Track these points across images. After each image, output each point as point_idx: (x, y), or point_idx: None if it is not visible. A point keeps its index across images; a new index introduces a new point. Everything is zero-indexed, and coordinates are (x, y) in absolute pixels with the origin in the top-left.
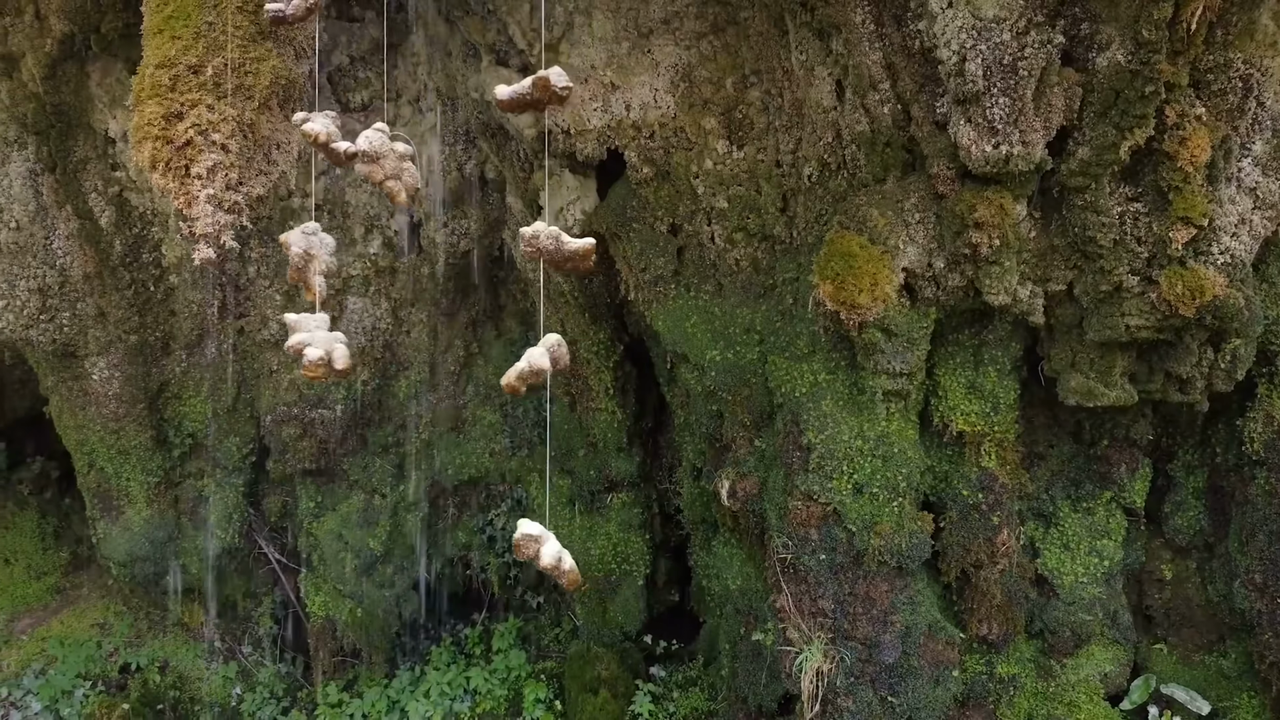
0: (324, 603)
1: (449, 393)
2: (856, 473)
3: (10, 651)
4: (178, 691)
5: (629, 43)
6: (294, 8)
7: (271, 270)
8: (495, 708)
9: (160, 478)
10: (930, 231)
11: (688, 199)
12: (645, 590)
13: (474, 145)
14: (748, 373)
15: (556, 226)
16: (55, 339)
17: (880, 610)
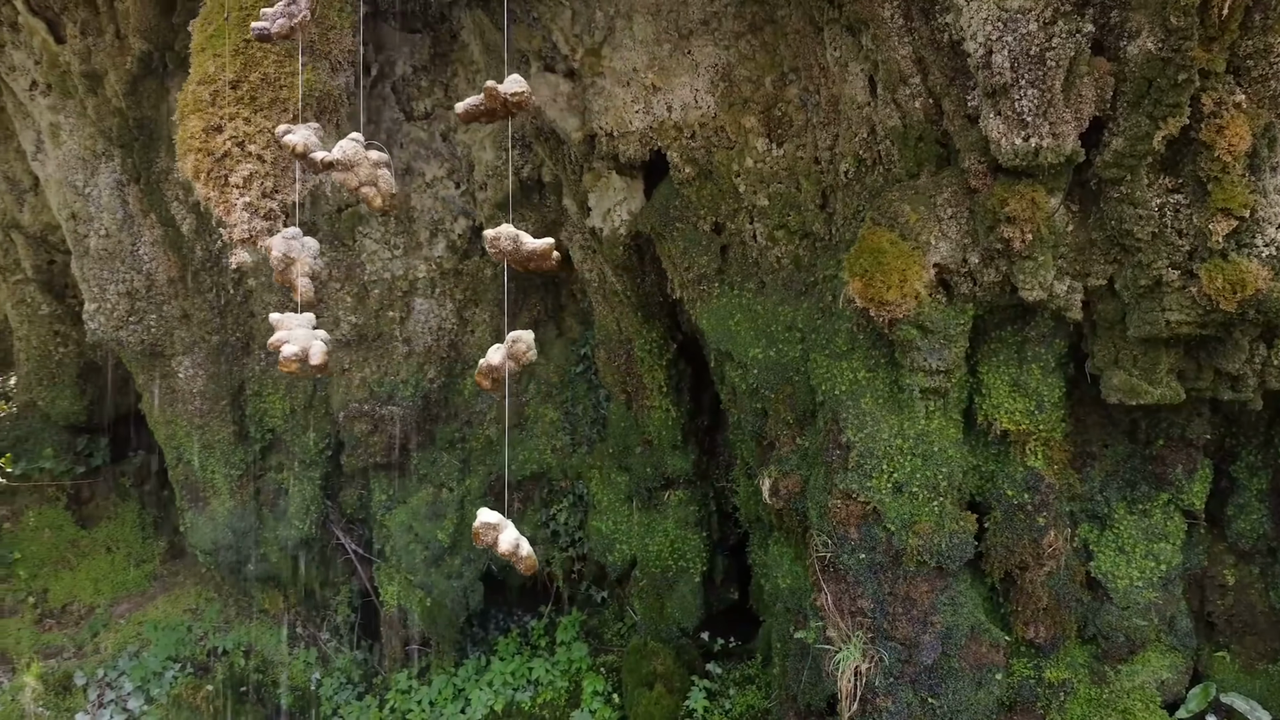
0: (396, 592)
1: (511, 390)
2: (896, 471)
3: (109, 634)
4: (261, 675)
5: (670, 44)
6: (278, 26)
7: (342, 273)
8: (555, 698)
9: (242, 470)
10: (963, 227)
11: (730, 198)
12: (702, 587)
13: (530, 150)
14: (790, 370)
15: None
16: (143, 339)
17: (920, 610)
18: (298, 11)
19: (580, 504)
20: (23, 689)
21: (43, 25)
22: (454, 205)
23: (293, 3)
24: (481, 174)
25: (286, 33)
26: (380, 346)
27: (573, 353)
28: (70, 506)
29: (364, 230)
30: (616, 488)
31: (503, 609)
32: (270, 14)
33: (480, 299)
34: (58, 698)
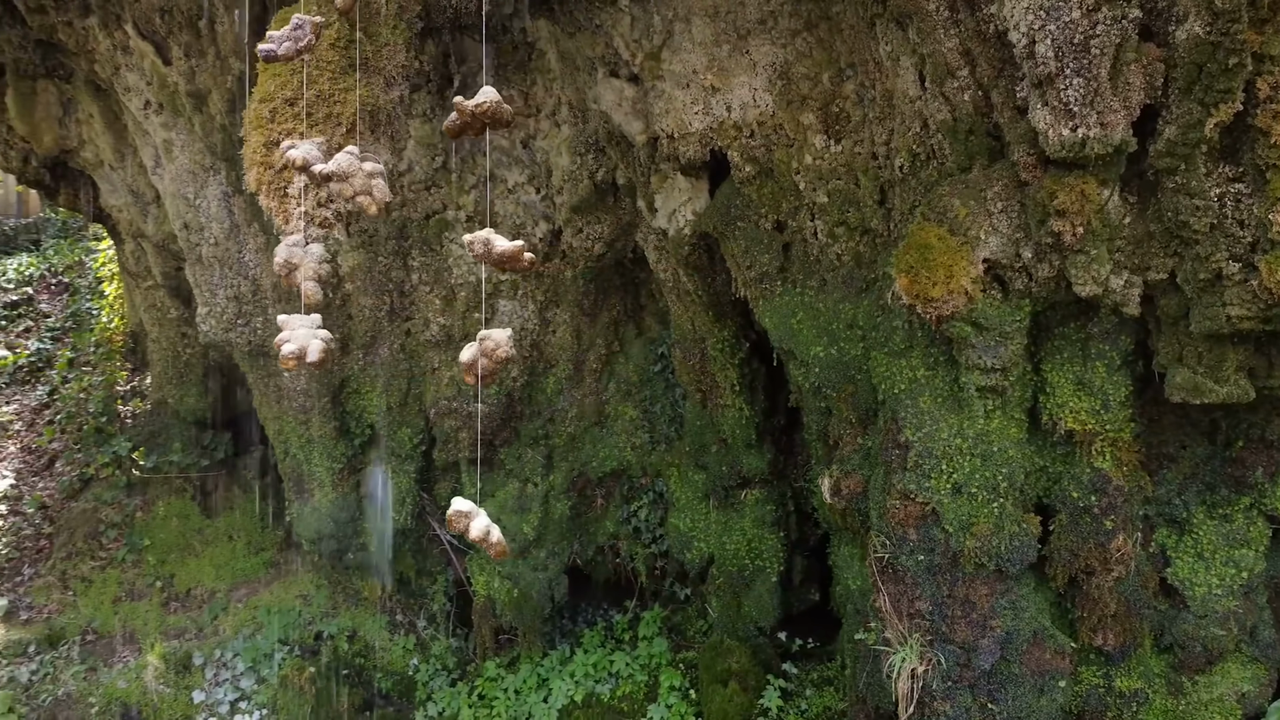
0: (486, 582)
1: (592, 389)
2: (955, 472)
3: (227, 617)
4: (362, 659)
5: (729, 45)
6: (284, 49)
7: (431, 277)
8: (634, 692)
9: (343, 464)
10: (1014, 221)
11: (790, 195)
12: (779, 587)
13: (604, 154)
14: (852, 369)
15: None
16: (250, 340)
17: (980, 614)
18: (303, 36)
19: (660, 501)
20: (146, 668)
21: (151, 48)
22: (534, 210)
23: (299, 28)
24: (559, 179)
25: (292, 55)
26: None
27: (651, 352)
28: (196, 497)
29: (450, 236)
30: (694, 486)
31: (590, 603)
32: (278, 37)
33: (560, 300)
34: (178, 676)
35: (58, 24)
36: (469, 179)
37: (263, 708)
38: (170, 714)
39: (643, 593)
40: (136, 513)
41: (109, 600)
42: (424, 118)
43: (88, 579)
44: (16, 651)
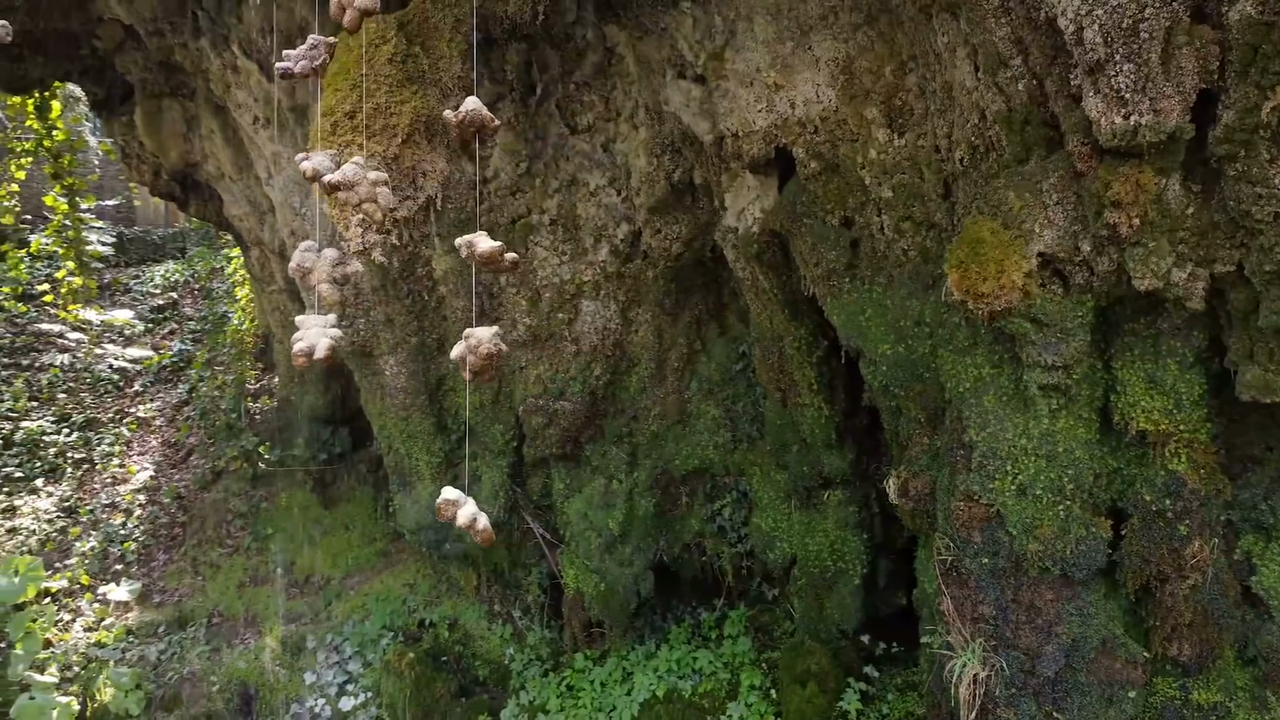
0: (575, 576)
1: (674, 387)
2: (1020, 473)
3: (340, 604)
4: (461, 647)
5: (792, 42)
6: (300, 67)
7: (517, 279)
8: (716, 689)
9: (441, 458)
10: (1071, 213)
11: (857, 191)
12: (862, 590)
13: (680, 154)
14: (920, 367)
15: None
16: (354, 341)
17: (1045, 620)
18: (318, 56)
19: (744, 500)
20: (264, 649)
21: (255, 67)
22: (616, 211)
23: (314, 48)
24: (636, 180)
25: (307, 74)
26: (552, 346)
27: (733, 350)
28: (316, 490)
29: (535, 239)
30: (776, 485)
31: (680, 600)
32: (294, 56)
33: (642, 300)
34: (292, 658)
35: (174, 46)
36: (552, 183)
37: (368, 690)
38: (284, 694)
39: (730, 592)
40: (262, 504)
41: (234, 585)
42: (508, 126)
43: (216, 565)
44: (148, 632)
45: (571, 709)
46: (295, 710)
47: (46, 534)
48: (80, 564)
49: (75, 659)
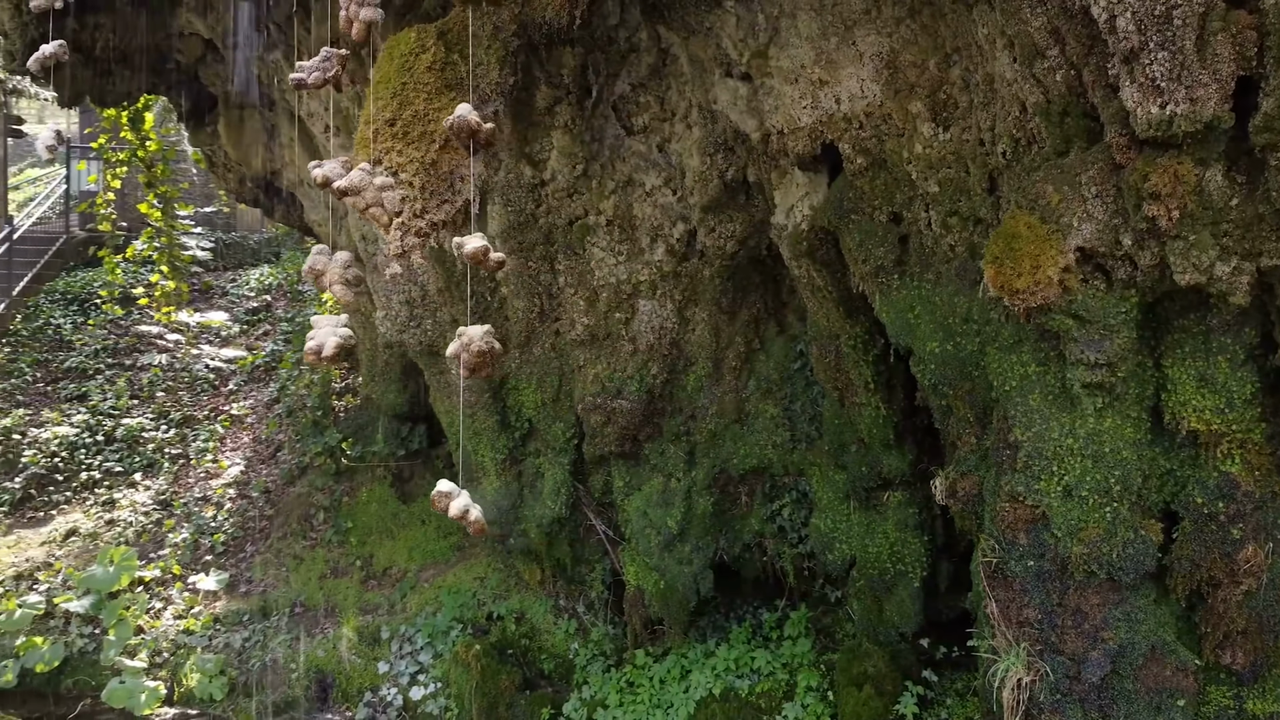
0: (636, 573)
1: (732, 386)
2: (1066, 474)
3: (414, 596)
4: (528, 640)
5: (836, 37)
6: (313, 78)
7: (576, 279)
8: (773, 689)
9: (506, 455)
10: (1110, 206)
11: (904, 186)
12: (922, 592)
13: (733, 153)
14: (968, 365)
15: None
16: (422, 340)
17: (1092, 625)
18: (330, 68)
19: (805, 500)
20: (341, 639)
21: None
22: (672, 211)
23: (327, 59)
24: (690, 180)
25: (320, 84)
26: (609, 345)
27: (791, 349)
28: (394, 484)
29: (592, 240)
30: (835, 486)
31: (743, 599)
32: (308, 67)
33: (699, 299)
34: (368, 648)
35: (252, 59)
36: (608, 184)
37: (437, 680)
38: (359, 682)
39: (792, 593)
40: (343, 498)
41: (316, 577)
42: (564, 129)
43: (299, 557)
44: (234, 620)
45: (630, 704)
46: (369, 698)
47: (143, 526)
48: (173, 554)
49: (164, 645)
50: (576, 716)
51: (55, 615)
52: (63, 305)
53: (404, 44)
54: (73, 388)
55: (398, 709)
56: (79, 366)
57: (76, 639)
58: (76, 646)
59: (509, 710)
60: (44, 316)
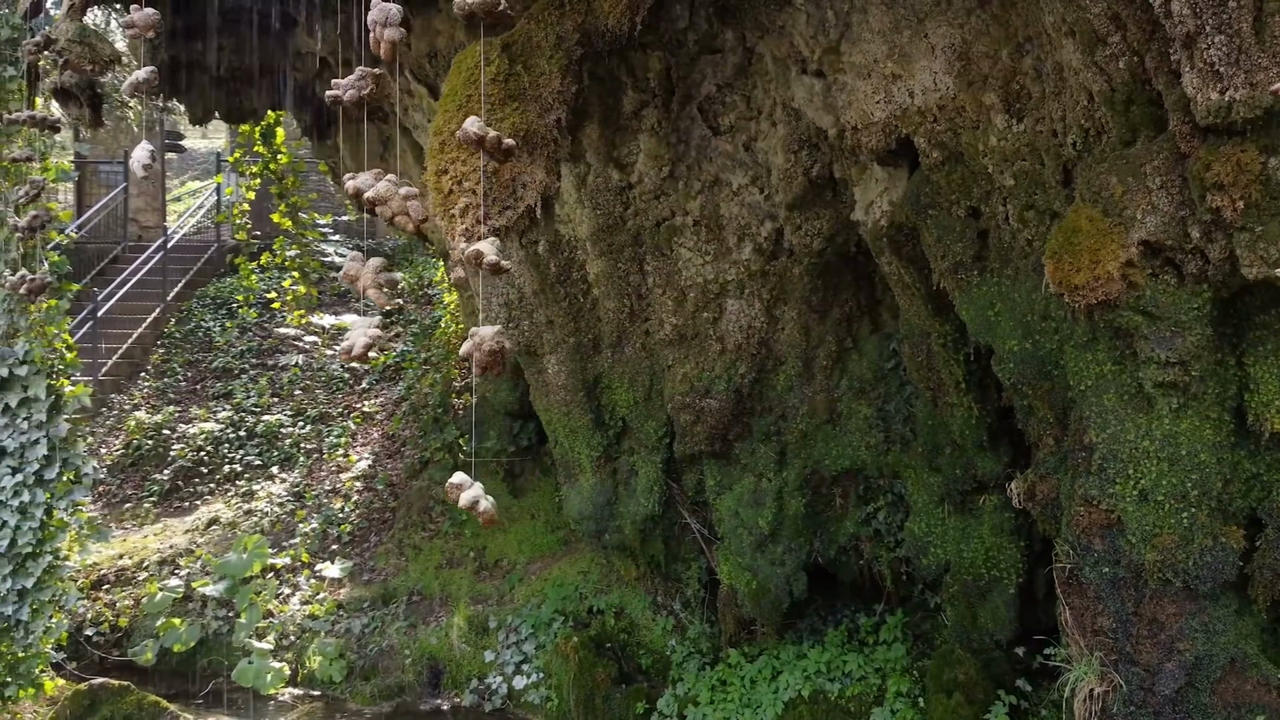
0: (729, 572)
1: (823, 386)
2: (1142, 477)
3: (522, 587)
4: (626, 635)
5: (909, 30)
6: (348, 95)
7: (664, 280)
8: (864, 693)
9: (601, 452)
10: (1176, 197)
11: (981, 180)
12: (1017, 599)
13: (817, 149)
14: (1048, 364)
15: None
16: (520, 341)
17: (1167, 635)
18: (365, 85)
19: (901, 503)
20: (453, 628)
21: (425, 90)
22: (759, 210)
23: (362, 78)
24: (776, 177)
25: (353, 100)
26: (697, 345)
27: (885, 348)
28: (506, 479)
29: (679, 240)
30: (930, 489)
31: (842, 602)
32: (343, 85)
33: (788, 297)
34: (476, 637)
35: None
36: (695, 185)
37: (539, 671)
38: (467, 670)
39: (890, 597)
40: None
41: (433, 567)
42: (650, 132)
43: (418, 547)
44: (355, 607)
45: (720, 703)
46: (475, 685)
47: (277, 516)
48: (302, 543)
49: (291, 629)
50: (669, 712)
51: (193, 599)
52: (212, 309)
53: (470, 58)
54: (219, 386)
55: (502, 697)
56: (225, 366)
57: (211, 621)
58: (211, 628)
59: (605, 703)
60: (195, 320)
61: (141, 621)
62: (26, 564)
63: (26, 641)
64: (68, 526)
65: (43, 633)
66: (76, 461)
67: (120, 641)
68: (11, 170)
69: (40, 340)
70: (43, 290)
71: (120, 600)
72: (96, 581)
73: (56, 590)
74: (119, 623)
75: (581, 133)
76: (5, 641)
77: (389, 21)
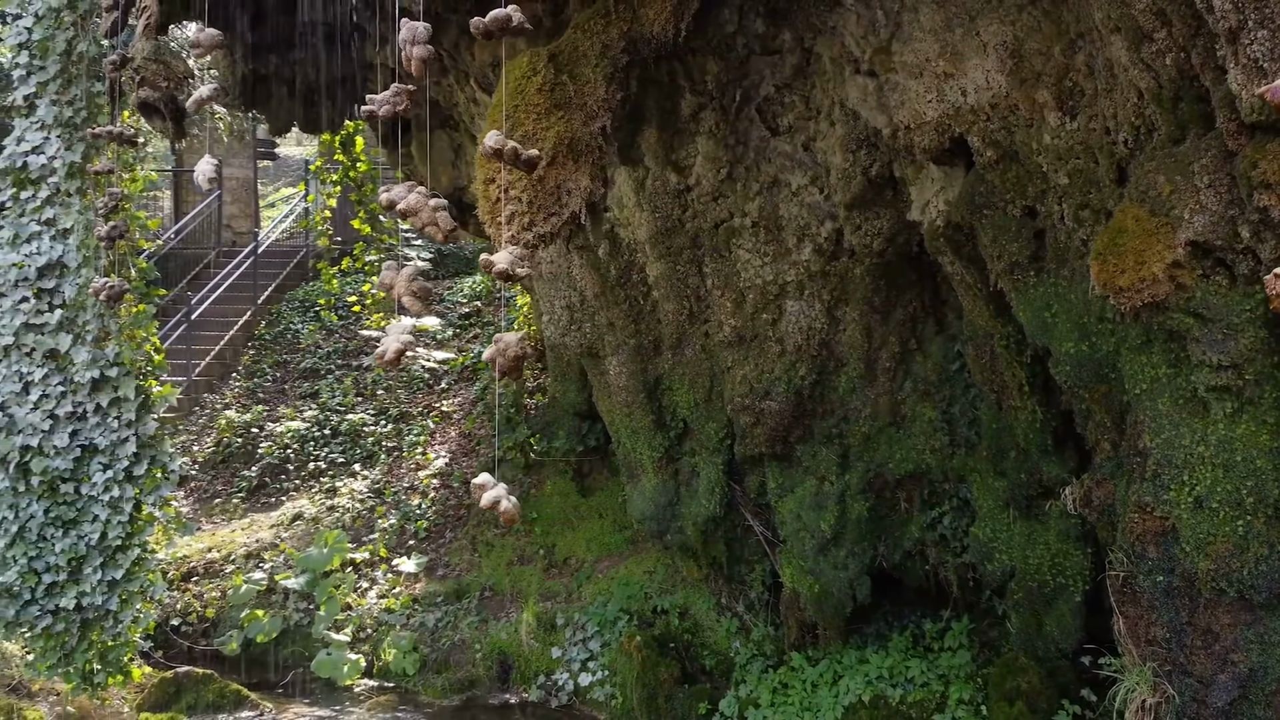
0: (792, 575)
1: (886, 388)
2: (1197, 484)
3: (590, 585)
4: (690, 635)
5: (961, 28)
6: (384, 111)
7: (722, 282)
8: (926, 699)
9: (662, 453)
10: (1225, 196)
11: (1037, 179)
12: (1084, 607)
13: (875, 148)
14: (1104, 366)
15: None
16: (581, 343)
17: (1221, 646)
18: (400, 101)
19: (967, 508)
20: (522, 624)
21: (489, 99)
22: (819, 210)
23: (397, 94)
24: (834, 177)
25: (389, 114)
26: (756, 346)
27: (950, 349)
28: (575, 478)
29: (738, 242)
30: (995, 493)
31: (908, 607)
32: (378, 100)
33: (849, 298)
34: (545, 633)
35: (430, 84)
36: (753, 186)
37: (605, 669)
38: (535, 665)
39: (957, 603)
40: (530, 490)
41: (504, 564)
42: (708, 134)
43: (491, 544)
44: (430, 602)
45: (781, 705)
46: (543, 681)
47: (357, 512)
48: (381, 539)
49: (368, 622)
50: (730, 713)
51: (276, 591)
52: (300, 312)
53: (518, 69)
54: (306, 386)
55: (569, 693)
56: (312, 367)
57: (293, 613)
58: (292, 620)
59: (668, 702)
60: (284, 322)
61: (227, 613)
62: (116, 556)
63: (115, 631)
64: (155, 521)
65: (131, 622)
66: (164, 459)
67: (207, 632)
68: (101, 182)
69: (129, 343)
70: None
71: (208, 592)
72: (186, 574)
73: (144, 582)
74: (206, 614)
75: (639, 137)
76: (95, 631)
77: (417, 39)
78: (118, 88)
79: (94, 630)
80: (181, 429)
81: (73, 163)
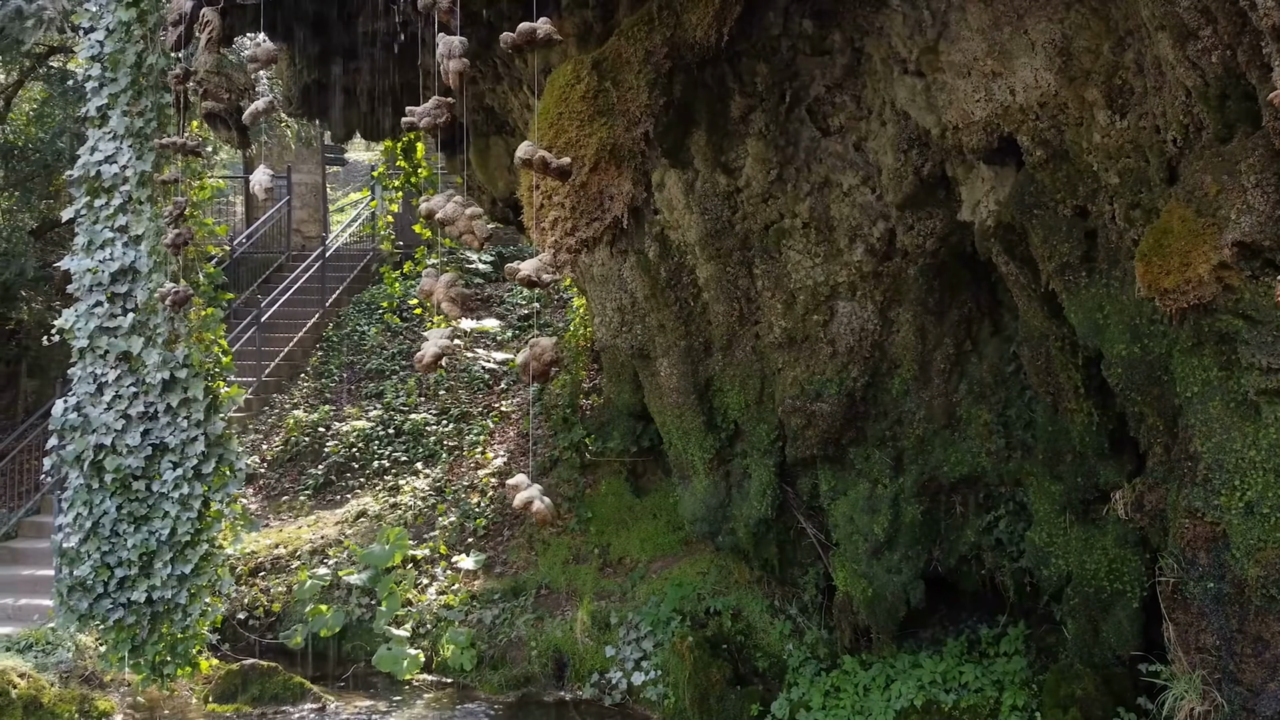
0: (845, 579)
1: (940, 390)
2: (1249, 489)
3: (643, 585)
4: (743, 637)
5: (1009, 27)
6: (424, 123)
7: (773, 283)
8: (979, 705)
9: (713, 454)
10: (1273, 196)
11: (1087, 178)
12: (1141, 613)
13: (926, 148)
14: (1156, 369)
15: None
16: (633, 345)
17: (1272, 655)
18: (441, 114)
19: (1023, 512)
20: (577, 622)
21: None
22: (871, 210)
23: (437, 107)
24: (886, 178)
25: (429, 126)
26: (808, 348)
27: (1006, 351)
28: (629, 479)
29: (788, 243)
30: (1051, 497)
31: (964, 612)
32: (419, 113)
33: (902, 299)
34: (599, 631)
35: (485, 91)
36: (804, 186)
37: (658, 668)
38: (590, 663)
39: (1013, 608)
40: (586, 490)
41: (560, 562)
42: (758, 135)
43: (547, 543)
44: (487, 599)
45: (833, 709)
46: (596, 679)
47: (419, 509)
48: (441, 536)
49: (427, 618)
50: (781, 716)
51: (339, 587)
52: (366, 314)
53: (562, 77)
54: (371, 387)
55: (622, 692)
56: (378, 368)
57: (355, 608)
58: (355, 615)
59: (719, 703)
60: (350, 324)
61: (292, 607)
62: (185, 552)
63: (184, 624)
64: (223, 517)
65: (199, 616)
66: (231, 457)
67: (272, 626)
68: (170, 190)
69: (198, 346)
70: (185, 302)
71: (274, 587)
72: (254, 569)
73: (213, 576)
74: (272, 608)
75: (689, 139)
76: (165, 623)
77: (452, 54)
78: (184, 99)
79: (164, 623)
80: (251, 428)
81: (143, 171)
